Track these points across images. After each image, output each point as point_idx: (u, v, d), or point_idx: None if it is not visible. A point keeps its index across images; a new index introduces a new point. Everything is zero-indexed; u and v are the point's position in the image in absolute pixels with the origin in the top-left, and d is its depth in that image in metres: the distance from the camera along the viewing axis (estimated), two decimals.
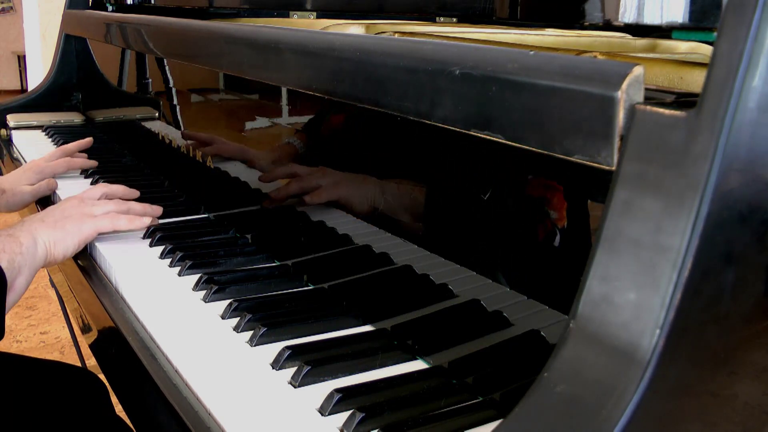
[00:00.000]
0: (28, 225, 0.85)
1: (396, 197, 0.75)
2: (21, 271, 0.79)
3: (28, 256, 0.81)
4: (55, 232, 0.86)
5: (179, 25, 1.02)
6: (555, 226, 0.56)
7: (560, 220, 0.56)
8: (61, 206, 0.92)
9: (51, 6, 3.69)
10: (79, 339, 1.78)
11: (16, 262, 0.78)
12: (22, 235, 0.82)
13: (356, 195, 0.81)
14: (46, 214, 0.89)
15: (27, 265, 0.80)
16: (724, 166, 0.36)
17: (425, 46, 0.56)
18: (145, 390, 0.62)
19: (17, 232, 0.83)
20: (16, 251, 0.79)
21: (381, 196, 0.77)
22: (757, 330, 0.42)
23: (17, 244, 0.80)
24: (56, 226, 0.87)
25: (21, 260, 0.79)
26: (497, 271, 0.63)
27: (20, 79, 7.87)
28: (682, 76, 0.61)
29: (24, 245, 0.81)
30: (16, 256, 0.79)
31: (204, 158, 1.08)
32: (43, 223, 0.86)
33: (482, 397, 0.55)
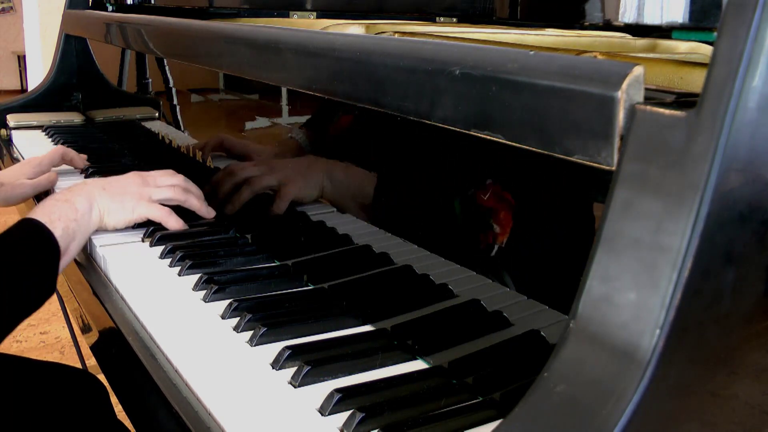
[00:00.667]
0: (88, 190, 0.88)
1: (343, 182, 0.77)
2: (75, 236, 0.83)
3: (83, 222, 0.85)
4: (113, 203, 0.89)
5: (179, 25, 1.02)
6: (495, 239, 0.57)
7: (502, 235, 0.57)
8: (124, 179, 0.94)
9: (51, 6, 3.69)
10: (79, 339, 1.78)
11: (70, 229, 0.82)
12: (79, 200, 0.86)
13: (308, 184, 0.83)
14: (108, 183, 0.92)
15: (81, 230, 0.84)
16: (724, 166, 0.36)
17: (425, 46, 0.56)
18: (145, 390, 0.62)
19: (74, 197, 0.86)
20: (71, 218, 0.83)
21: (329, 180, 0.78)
22: (757, 330, 0.42)
23: (73, 210, 0.84)
24: (115, 198, 0.90)
25: (75, 227, 0.83)
26: (497, 270, 0.63)
27: (20, 79, 7.87)
28: (682, 76, 0.61)
29: (80, 212, 0.84)
30: (70, 223, 0.82)
31: (204, 158, 1.08)
32: (104, 191, 0.89)
33: (482, 397, 0.55)
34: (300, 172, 0.86)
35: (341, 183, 0.79)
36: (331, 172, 0.81)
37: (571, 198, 0.56)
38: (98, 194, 0.89)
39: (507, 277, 0.62)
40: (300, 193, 0.86)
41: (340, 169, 0.80)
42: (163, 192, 0.94)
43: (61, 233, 0.80)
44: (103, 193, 0.89)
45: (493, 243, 0.57)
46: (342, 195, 0.78)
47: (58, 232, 0.80)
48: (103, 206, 0.88)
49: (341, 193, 0.78)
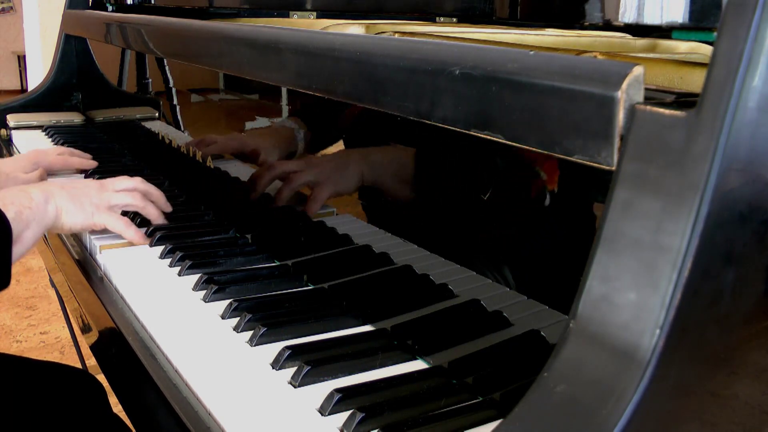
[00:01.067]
0: (45, 186, 0.86)
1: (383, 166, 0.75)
2: (29, 225, 0.80)
3: (37, 212, 0.82)
4: (71, 203, 0.86)
5: (179, 25, 1.02)
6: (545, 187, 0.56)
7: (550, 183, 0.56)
8: (82, 183, 0.91)
9: (51, 6, 3.69)
10: (79, 339, 1.78)
11: (24, 215, 0.79)
12: (35, 192, 0.83)
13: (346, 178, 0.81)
14: (66, 183, 0.89)
15: (36, 220, 0.81)
16: (724, 166, 0.36)
17: (425, 46, 0.56)
18: (145, 390, 0.62)
19: (30, 188, 0.84)
20: (25, 204, 0.80)
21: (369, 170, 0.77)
22: (757, 330, 0.42)
23: (27, 198, 0.82)
24: (74, 199, 0.87)
25: (29, 214, 0.80)
26: (497, 270, 0.63)
27: (20, 79, 7.87)
28: (682, 76, 0.61)
29: (34, 201, 0.82)
30: (24, 209, 0.80)
31: (204, 158, 1.08)
32: (62, 190, 0.87)
33: (482, 397, 0.55)
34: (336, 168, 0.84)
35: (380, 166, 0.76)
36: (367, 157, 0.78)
37: (571, 198, 0.56)
38: (56, 191, 0.86)
39: (507, 272, 0.62)
40: (336, 190, 0.84)
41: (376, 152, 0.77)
42: (122, 198, 0.92)
43: (14, 216, 0.78)
44: (62, 192, 0.86)
45: (543, 189, 0.56)
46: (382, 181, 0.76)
47: (10, 215, 0.77)
48: (60, 203, 0.85)
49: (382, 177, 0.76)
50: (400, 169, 0.72)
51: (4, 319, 2.63)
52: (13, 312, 2.69)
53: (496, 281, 0.63)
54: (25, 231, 0.79)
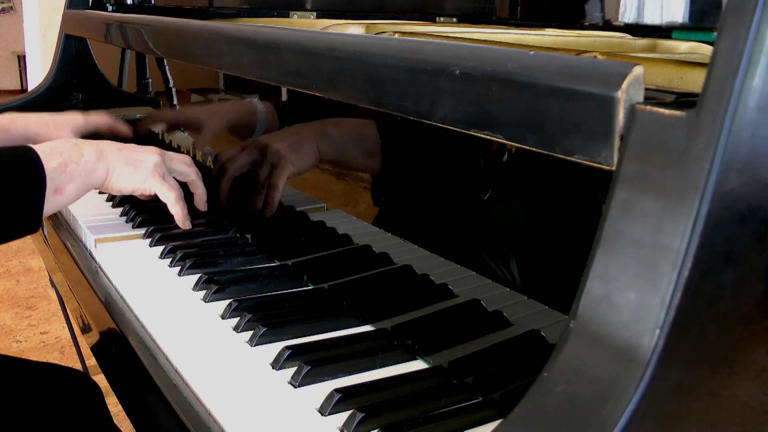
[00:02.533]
0: (102, 146, 0.86)
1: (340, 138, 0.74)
2: (73, 178, 0.80)
3: (85, 169, 0.82)
4: (125, 167, 0.86)
5: (179, 25, 1.02)
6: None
7: None
8: (142, 150, 0.90)
9: (51, 6, 3.68)
10: (79, 339, 1.77)
11: (68, 168, 0.80)
12: (88, 149, 0.83)
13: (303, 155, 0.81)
14: (124, 146, 0.88)
15: (81, 176, 0.82)
16: (724, 166, 0.36)
17: (425, 46, 0.56)
18: (145, 390, 0.62)
19: (85, 145, 0.84)
20: (73, 159, 0.81)
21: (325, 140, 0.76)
22: (757, 330, 0.42)
23: (78, 154, 0.82)
24: (129, 163, 0.86)
25: (74, 168, 0.81)
26: (497, 270, 0.63)
27: (20, 79, 7.87)
28: (682, 76, 0.61)
29: (84, 158, 0.82)
30: (70, 163, 0.80)
31: (204, 158, 1.08)
32: (119, 152, 0.86)
33: (482, 397, 0.55)
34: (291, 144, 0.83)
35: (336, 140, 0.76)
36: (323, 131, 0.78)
37: (571, 198, 0.56)
38: (111, 153, 0.85)
39: (509, 270, 0.62)
40: (296, 167, 0.83)
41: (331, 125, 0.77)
42: (179, 166, 0.91)
43: (56, 167, 0.78)
44: (118, 155, 0.86)
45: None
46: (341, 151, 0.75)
47: (53, 164, 0.78)
48: (114, 166, 0.85)
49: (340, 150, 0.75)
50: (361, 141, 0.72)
51: (4, 319, 2.63)
52: (13, 312, 2.69)
53: (497, 280, 0.63)
54: (68, 184, 0.80)
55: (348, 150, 0.75)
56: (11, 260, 3.21)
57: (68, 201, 0.82)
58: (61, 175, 0.79)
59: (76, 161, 0.81)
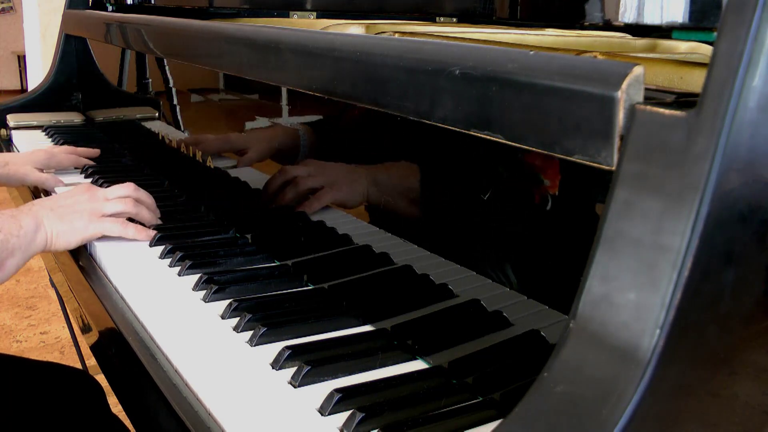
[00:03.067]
0: (36, 210, 0.85)
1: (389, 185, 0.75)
2: (14, 253, 0.80)
3: (24, 240, 0.82)
4: (61, 224, 0.86)
5: (179, 25, 1.02)
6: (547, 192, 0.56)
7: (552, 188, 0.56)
8: (73, 197, 0.91)
9: (51, 6, 3.68)
10: (79, 339, 1.78)
11: (10, 243, 0.79)
12: (25, 218, 0.83)
13: (351, 191, 0.81)
14: (55, 203, 0.89)
15: (22, 248, 0.81)
16: (724, 166, 0.36)
17: (425, 46, 0.56)
18: (145, 390, 0.62)
19: (20, 215, 0.83)
20: (13, 233, 0.81)
21: (374, 187, 0.77)
22: (757, 330, 0.42)
23: (17, 226, 0.81)
24: (64, 219, 0.86)
25: (16, 243, 0.80)
26: (497, 270, 0.63)
27: (20, 79, 7.87)
28: (682, 76, 0.61)
29: (23, 229, 0.82)
30: (11, 238, 0.80)
31: (204, 158, 1.08)
32: (52, 212, 0.86)
33: (482, 397, 0.55)
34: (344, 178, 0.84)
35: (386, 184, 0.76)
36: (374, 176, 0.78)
37: (571, 197, 0.56)
38: (46, 216, 0.85)
39: (509, 270, 0.62)
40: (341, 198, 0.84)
41: (382, 171, 0.77)
42: (114, 206, 0.91)
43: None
44: (51, 215, 0.86)
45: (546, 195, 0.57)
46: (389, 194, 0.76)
47: None
48: (50, 228, 0.85)
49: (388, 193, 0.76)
50: (406, 189, 0.73)
51: (4, 319, 2.63)
52: (13, 312, 2.69)
53: (497, 280, 0.63)
54: (9, 259, 0.80)
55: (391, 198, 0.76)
56: None
57: (8, 276, 0.81)
58: (3, 252, 0.79)
59: (16, 234, 0.81)
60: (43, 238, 0.84)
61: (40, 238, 0.84)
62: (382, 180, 0.76)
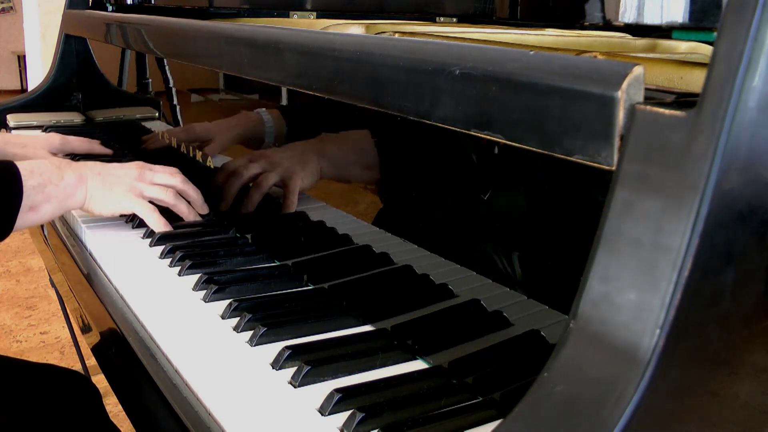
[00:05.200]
0: (83, 169, 0.89)
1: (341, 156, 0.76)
2: (50, 199, 0.83)
3: (63, 191, 0.85)
4: (102, 190, 0.89)
5: (179, 25, 1.02)
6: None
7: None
8: (123, 168, 0.93)
9: (51, 6, 3.68)
10: (79, 339, 1.78)
11: (47, 189, 0.83)
12: (69, 172, 0.86)
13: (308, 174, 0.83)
14: (104, 169, 0.91)
15: (58, 198, 0.84)
16: (724, 166, 0.36)
17: (425, 46, 0.56)
18: (145, 390, 0.62)
19: (67, 168, 0.86)
20: (53, 181, 0.84)
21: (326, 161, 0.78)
22: (757, 330, 0.42)
23: (59, 176, 0.84)
24: (106, 186, 0.89)
25: (53, 190, 0.83)
26: (497, 270, 0.63)
27: (20, 79, 7.87)
28: (682, 76, 0.61)
29: (64, 180, 0.85)
30: (49, 185, 0.83)
31: (204, 158, 1.08)
32: (98, 176, 0.89)
33: (482, 397, 0.55)
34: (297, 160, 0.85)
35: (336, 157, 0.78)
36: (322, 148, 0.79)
37: (571, 197, 0.56)
38: (91, 177, 0.88)
39: (509, 270, 0.62)
40: (305, 181, 0.85)
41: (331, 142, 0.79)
42: (155, 191, 0.93)
43: (35, 185, 0.81)
44: (96, 179, 0.89)
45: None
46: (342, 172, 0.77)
47: (32, 182, 0.81)
48: (92, 191, 0.88)
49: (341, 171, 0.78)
50: (361, 157, 0.73)
51: (4, 319, 2.63)
52: (13, 312, 2.69)
53: (497, 280, 0.63)
54: (44, 204, 0.83)
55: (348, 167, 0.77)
56: (11, 260, 3.21)
57: (42, 220, 0.84)
58: (39, 194, 0.81)
59: (55, 183, 0.84)
60: (82, 195, 0.87)
61: (80, 194, 0.87)
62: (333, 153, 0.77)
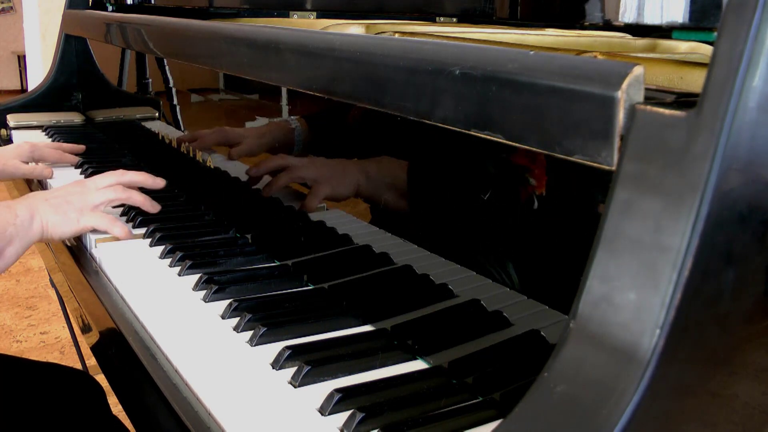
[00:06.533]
0: (30, 201, 0.88)
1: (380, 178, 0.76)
2: (12, 241, 0.83)
3: (21, 229, 0.84)
4: (56, 215, 0.88)
5: (179, 25, 1.02)
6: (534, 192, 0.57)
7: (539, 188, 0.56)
8: (66, 189, 0.93)
9: (51, 6, 3.68)
10: (79, 339, 1.78)
11: (7, 232, 0.82)
12: (20, 208, 0.86)
13: (343, 184, 0.83)
14: (49, 195, 0.91)
15: (19, 236, 0.84)
16: (724, 166, 0.36)
17: (425, 46, 0.56)
18: (145, 390, 0.62)
19: (16, 205, 0.86)
20: (9, 221, 0.83)
21: (365, 178, 0.78)
22: (757, 330, 0.42)
23: (13, 215, 0.84)
24: (58, 210, 0.89)
25: (13, 231, 0.83)
26: (497, 270, 0.63)
27: (20, 79, 7.87)
28: (682, 76, 0.61)
29: (19, 218, 0.85)
30: (8, 226, 0.83)
31: (204, 158, 1.08)
32: (46, 203, 0.89)
33: (482, 397, 0.54)
34: (335, 172, 0.86)
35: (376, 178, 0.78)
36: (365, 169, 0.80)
37: (571, 197, 0.56)
38: (40, 206, 0.88)
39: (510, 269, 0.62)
40: (334, 192, 0.86)
41: (373, 165, 0.79)
42: (104, 195, 0.92)
43: None
44: (45, 205, 0.88)
45: (532, 195, 0.57)
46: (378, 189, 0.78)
47: None
48: (45, 218, 0.87)
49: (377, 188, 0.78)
50: (396, 183, 0.74)
51: (4, 319, 2.63)
52: (13, 312, 2.69)
53: (497, 280, 0.63)
54: (8, 247, 0.82)
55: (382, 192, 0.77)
56: None
57: (8, 264, 0.84)
58: (2, 240, 0.81)
59: (12, 222, 0.84)
60: (39, 226, 0.86)
61: (36, 226, 0.86)
62: (372, 175, 0.77)
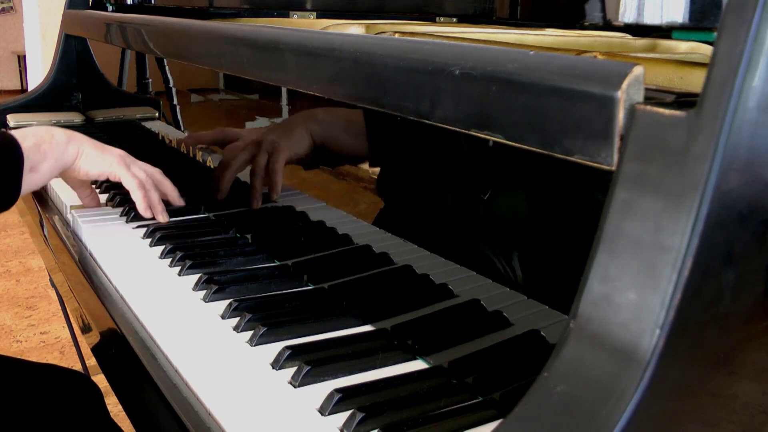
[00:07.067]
0: (71, 131, 0.93)
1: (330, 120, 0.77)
2: (47, 156, 0.87)
3: (56, 148, 0.89)
4: (93, 150, 0.93)
5: (179, 25, 1.02)
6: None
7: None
8: (109, 146, 0.97)
9: (51, 6, 3.68)
10: (79, 339, 1.78)
11: (42, 148, 0.87)
12: (58, 131, 0.91)
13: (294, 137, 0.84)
14: (93, 139, 0.96)
15: (53, 155, 0.88)
16: (724, 166, 0.36)
17: (425, 46, 0.56)
18: (145, 390, 0.62)
19: (55, 129, 0.91)
20: (45, 139, 0.88)
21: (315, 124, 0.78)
22: (757, 330, 0.42)
23: (49, 135, 0.89)
24: (96, 147, 0.94)
25: (48, 147, 0.88)
26: (497, 270, 0.63)
27: (20, 79, 7.88)
28: (682, 76, 0.61)
29: (55, 138, 0.89)
30: (43, 143, 0.87)
31: (204, 158, 1.08)
32: (86, 138, 0.94)
33: (482, 397, 0.55)
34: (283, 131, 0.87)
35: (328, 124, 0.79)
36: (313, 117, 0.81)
37: (571, 197, 0.56)
38: (82, 138, 0.92)
39: (509, 270, 0.62)
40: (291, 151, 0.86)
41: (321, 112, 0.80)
42: (141, 168, 0.95)
43: (31, 146, 0.85)
44: (85, 139, 0.92)
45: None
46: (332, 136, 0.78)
47: (28, 144, 0.84)
48: (83, 148, 0.91)
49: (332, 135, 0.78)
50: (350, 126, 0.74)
51: (4, 319, 2.63)
52: (13, 312, 2.69)
53: (497, 280, 0.63)
54: (42, 162, 0.86)
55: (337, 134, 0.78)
56: (11, 260, 3.21)
57: (42, 180, 0.88)
58: (36, 154, 0.85)
59: (48, 141, 0.87)
60: (75, 152, 0.91)
61: (72, 150, 0.90)
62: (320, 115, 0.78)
